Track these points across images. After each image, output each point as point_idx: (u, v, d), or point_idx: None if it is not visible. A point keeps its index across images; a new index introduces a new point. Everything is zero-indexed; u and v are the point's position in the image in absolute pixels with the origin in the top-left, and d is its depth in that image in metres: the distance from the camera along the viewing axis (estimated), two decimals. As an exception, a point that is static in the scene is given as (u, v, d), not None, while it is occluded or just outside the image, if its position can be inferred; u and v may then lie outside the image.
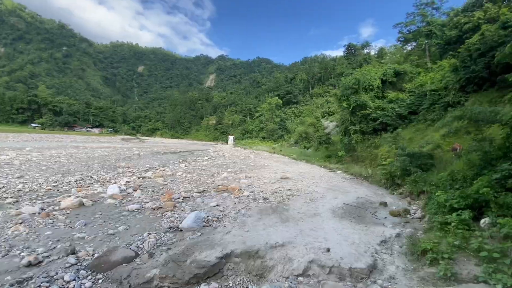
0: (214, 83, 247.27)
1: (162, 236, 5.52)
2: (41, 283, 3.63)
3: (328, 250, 4.78)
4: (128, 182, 11.43)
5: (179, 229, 5.88)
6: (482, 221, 5.39)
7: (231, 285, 4.08)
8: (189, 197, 8.92)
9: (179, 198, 8.61)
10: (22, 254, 4.47)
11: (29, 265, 4.08)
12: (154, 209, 7.36)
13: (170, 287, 3.92)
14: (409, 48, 37.51)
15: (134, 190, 9.65)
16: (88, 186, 10.46)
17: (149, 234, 5.55)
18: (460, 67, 16.03)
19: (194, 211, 6.81)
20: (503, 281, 3.39)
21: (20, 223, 5.88)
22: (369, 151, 18.48)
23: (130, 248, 4.82)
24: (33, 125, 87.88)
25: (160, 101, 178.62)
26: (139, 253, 4.75)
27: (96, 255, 4.58)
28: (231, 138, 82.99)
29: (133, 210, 7.26)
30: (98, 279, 3.94)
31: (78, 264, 4.25)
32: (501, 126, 7.04)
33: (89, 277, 3.95)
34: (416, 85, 20.12)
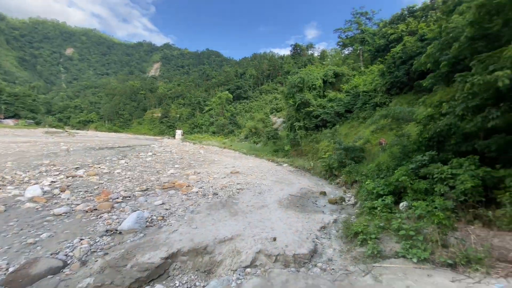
0: (159, 72, 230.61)
1: (97, 240, 4.98)
2: None
3: (275, 239, 5.03)
4: (54, 182, 9.89)
5: (118, 232, 5.39)
6: (401, 204, 6.39)
7: (177, 285, 3.95)
8: (130, 197, 8.22)
9: (118, 198, 7.86)
10: None
11: None
12: (87, 212, 6.56)
13: (108, 295, 3.58)
14: (346, 52, 41.38)
15: (61, 191, 8.41)
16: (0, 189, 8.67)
17: (81, 239, 4.94)
18: (386, 72, 18.51)
19: (135, 211, 6.31)
20: (417, 255, 4.10)
21: None
22: (311, 146, 19.96)
23: (57, 258, 4.22)
24: None
25: (94, 89, 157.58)
26: (68, 262, 4.20)
27: (11, 269, 3.87)
28: (178, 132, 79.21)
29: (60, 214, 6.33)
30: (13, 297, 3.34)
31: (-16, 283, 3.53)
32: (416, 124, 8.41)
33: (0, 296, 3.32)
34: (351, 86, 22.47)
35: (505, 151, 5.42)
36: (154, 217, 6.21)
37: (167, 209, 6.99)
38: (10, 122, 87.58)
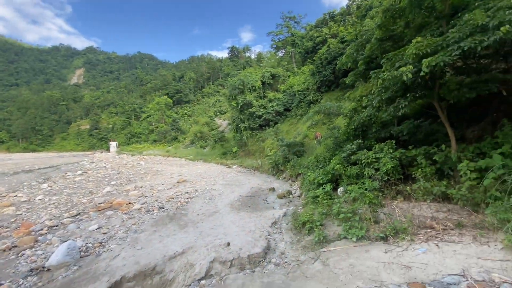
0: (83, 79, 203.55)
1: (20, 283, 4.13)
2: None
3: (228, 244, 4.99)
4: None
5: (45, 269, 4.56)
6: (338, 190, 7.10)
7: (125, 315, 3.56)
8: (57, 225, 7.04)
9: (42, 230, 6.65)
10: None
11: None
12: (4, 251, 5.38)
13: None
14: (280, 54, 43.85)
15: (-43, 235, 6.65)
16: None
17: (0, 285, 4.01)
18: (316, 72, 20.32)
19: (65, 241, 5.44)
20: (356, 234, 4.58)
21: None
22: (257, 145, 20.56)
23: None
24: None
25: (1, 103, 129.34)
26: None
27: None
28: (113, 144, 71.49)
29: (-43, 264, 5.01)
30: None
31: None
32: (344, 117, 9.44)
33: None
34: (287, 86, 23.96)
35: (414, 133, 6.58)
36: (90, 245, 5.46)
37: (104, 233, 6.22)
38: None
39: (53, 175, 20.39)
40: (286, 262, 4.48)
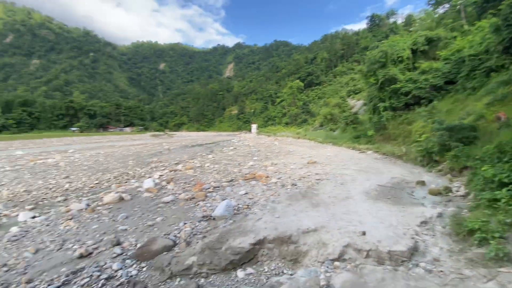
0: (233, 72, 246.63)
1: (196, 225, 5.74)
2: (93, 272, 3.98)
3: (364, 233, 4.62)
4: (161, 175, 12.01)
5: (212, 218, 6.08)
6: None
7: (266, 270, 4.15)
8: (218, 187, 9.14)
9: (209, 188, 8.87)
10: (74, 247, 4.93)
11: (81, 256, 4.50)
12: (187, 200, 7.67)
13: (208, 273, 4.09)
14: (441, 11, 33.80)
15: (167, 183, 10.12)
16: (126, 182, 11.19)
17: (185, 223, 5.80)
18: (502, 26, 14.05)
19: (224, 199, 6.97)
20: None
21: (70, 219, 6.48)
22: (401, 128, 17.37)
23: (169, 238, 5.09)
24: (72, 129, 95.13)
25: (183, 96, 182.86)
26: (177, 242, 4.99)
27: (138, 245, 4.90)
28: (253, 126, 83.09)
29: (168, 202, 7.63)
30: (142, 267, 4.22)
31: (123, 254, 4.59)
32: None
33: (134, 265, 4.26)
34: (452, 52, 18.18)
35: None
36: (240, 206, 6.71)
37: (250, 198, 7.44)
38: (128, 129, 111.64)
39: (215, 149, 26.56)
40: (441, 271, 3.63)
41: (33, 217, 6.83)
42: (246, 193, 7.95)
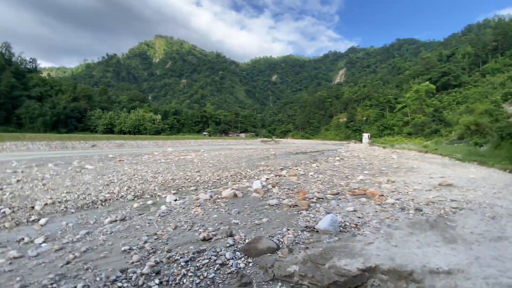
0: (344, 78, 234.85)
1: (299, 233, 5.68)
2: (211, 256, 4.65)
3: (539, 298, 3.16)
4: (268, 179, 12.81)
5: (315, 230, 5.85)
6: None
7: (377, 305, 3.55)
8: (322, 198, 8.77)
9: (312, 198, 8.64)
10: (199, 230, 5.95)
11: (204, 239, 5.36)
12: (290, 206, 7.77)
13: (310, 287, 3.93)
14: None
15: (272, 187, 10.66)
16: (239, 181, 12.67)
17: (288, 229, 5.87)
18: None
19: (329, 213, 6.58)
20: None
21: (198, 206, 7.92)
22: None
23: (273, 240, 5.28)
24: (204, 133, 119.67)
25: (290, 104, 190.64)
26: (280, 246, 5.10)
27: (247, 240, 5.34)
28: (365, 136, 75.40)
29: (273, 205, 7.98)
30: (249, 262, 4.56)
31: (234, 246, 5.12)
32: None
33: (242, 259, 4.66)
34: None
35: None
36: (347, 223, 6.13)
37: (359, 217, 6.67)
38: (243, 135, 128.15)
39: (319, 158, 25.89)
40: None
41: (175, 200, 8.86)
42: (354, 211, 7.21)
